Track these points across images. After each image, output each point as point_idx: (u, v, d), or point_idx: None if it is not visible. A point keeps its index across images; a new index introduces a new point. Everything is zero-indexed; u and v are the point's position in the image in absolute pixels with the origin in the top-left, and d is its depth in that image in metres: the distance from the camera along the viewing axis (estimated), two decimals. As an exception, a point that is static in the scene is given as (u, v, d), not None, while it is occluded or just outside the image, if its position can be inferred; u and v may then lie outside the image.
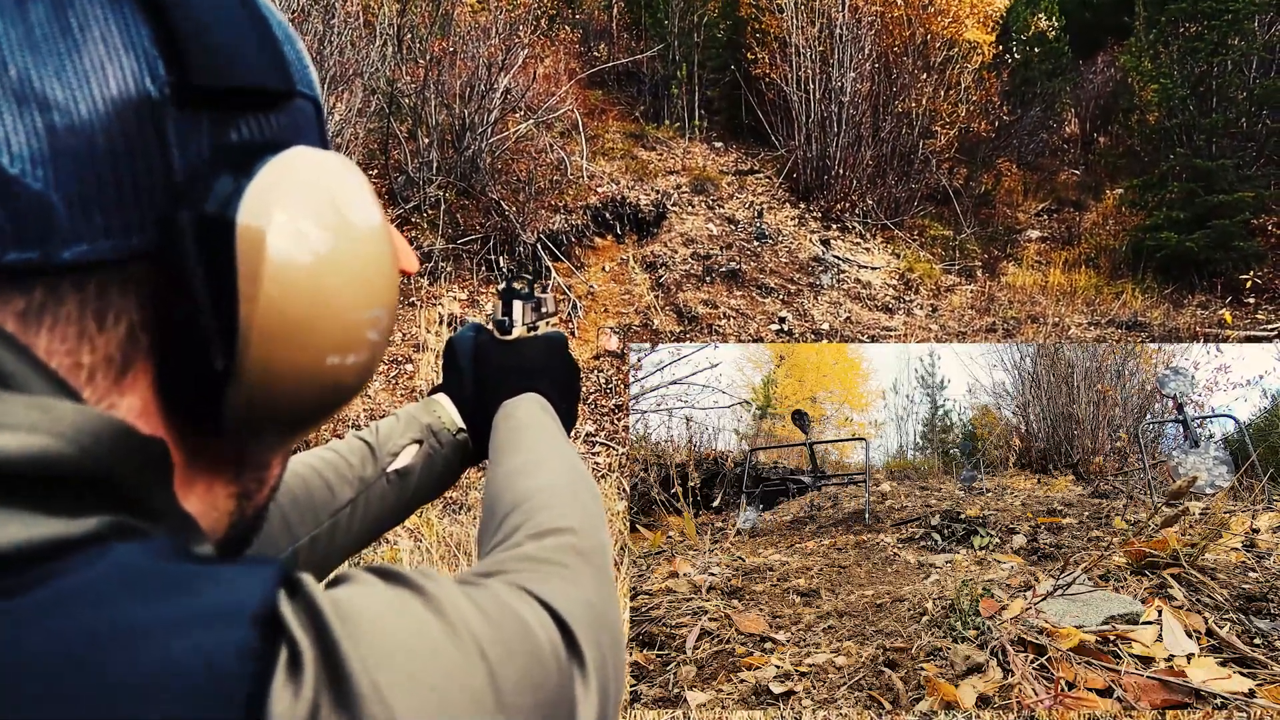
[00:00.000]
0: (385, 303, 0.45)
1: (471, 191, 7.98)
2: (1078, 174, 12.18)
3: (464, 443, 0.96)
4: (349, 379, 0.45)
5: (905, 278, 8.75)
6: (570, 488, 0.70)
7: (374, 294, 0.44)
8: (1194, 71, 9.45)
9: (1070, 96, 12.84)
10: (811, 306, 7.86)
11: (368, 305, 0.44)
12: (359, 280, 0.43)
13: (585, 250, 8.18)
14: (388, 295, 0.46)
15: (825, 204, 9.52)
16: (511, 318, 1.02)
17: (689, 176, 9.45)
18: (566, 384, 0.99)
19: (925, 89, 9.85)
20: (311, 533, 0.83)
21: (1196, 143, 9.41)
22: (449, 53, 7.94)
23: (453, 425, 0.95)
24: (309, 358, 0.42)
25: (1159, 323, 7.82)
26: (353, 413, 6.04)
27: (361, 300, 0.44)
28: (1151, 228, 9.22)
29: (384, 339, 0.46)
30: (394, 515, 0.92)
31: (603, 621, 0.52)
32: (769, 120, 10.02)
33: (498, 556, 0.58)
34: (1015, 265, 9.60)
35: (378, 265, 0.45)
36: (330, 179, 0.43)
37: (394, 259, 0.47)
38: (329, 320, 0.42)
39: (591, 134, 9.48)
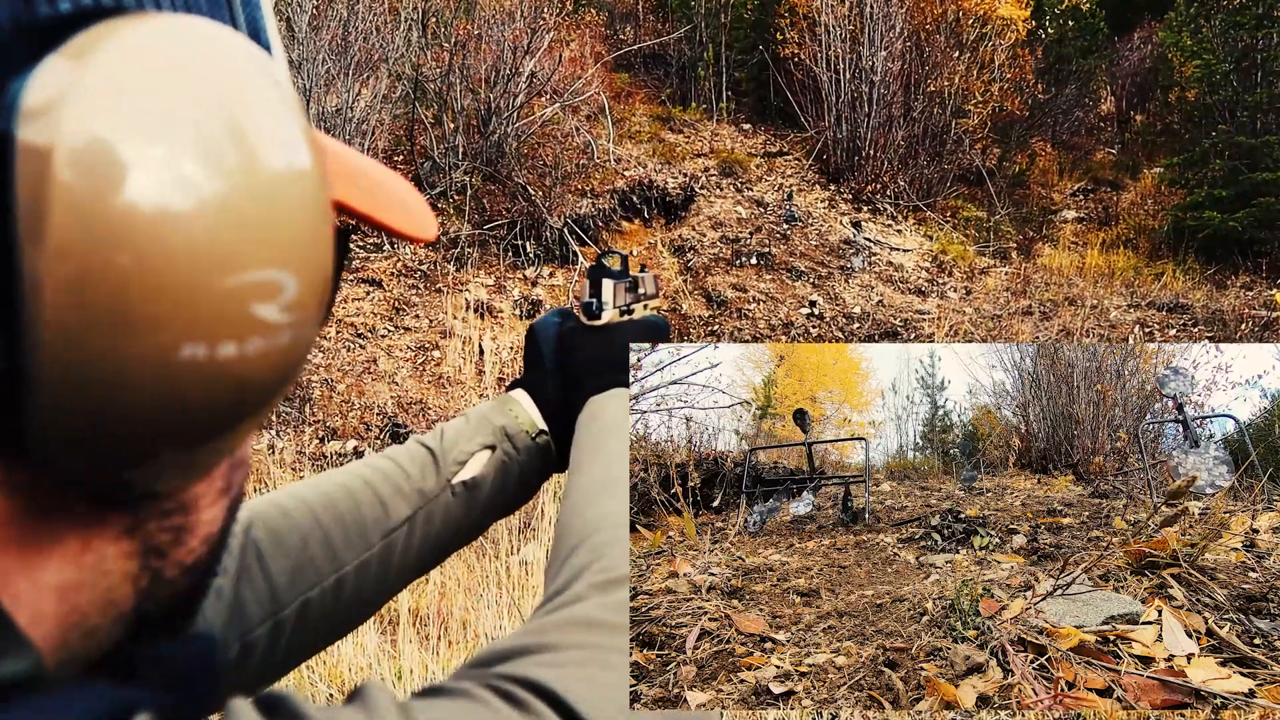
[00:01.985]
0: (285, 262, 0.32)
1: (498, 176, 7.92)
2: (1114, 153, 11.93)
3: (545, 447, 0.82)
4: (246, 372, 0.32)
5: (938, 260, 8.60)
6: None
7: (261, 252, 0.31)
8: (1237, 46, 9.19)
9: (1106, 74, 12.56)
10: (843, 290, 7.74)
11: (243, 267, 0.30)
12: (233, 236, 0.30)
13: (613, 234, 8.10)
14: (293, 253, 0.32)
15: (856, 186, 9.37)
16: (601, 299, 0.87)
17: (717, 159, 9.34)
18: None
19: (958, 67, 9.65)
20: (360, 557, 0.71)
21: (1240, 119, 9.16)
22: (474, 37, 7.87)
23: (532, 427, 0.82)
24: (147, 348, 0.29)
25: (1201, 304, 7.62)
26: (379, 400, 6.01)
27: (232, 261, 0.30)
28: (1193, 206, 9.00)
29: (301, 316, 0.33)
30: (461, 534, 0.79)
31: None
32: (798, 101, 9.86)
33: (544, 620, 0.48)
34: (1051, 246, 9.41)
35: (281, 213, 0.32)
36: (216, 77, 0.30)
37: (316, 203, 0.34)
38: (174, 295, 0.29)
39: (618, 117, 9.39)
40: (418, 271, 7.22)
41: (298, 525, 0.69)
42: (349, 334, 6.54)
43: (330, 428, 5.73)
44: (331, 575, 0.69)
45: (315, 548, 0.68)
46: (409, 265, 7.24)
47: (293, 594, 0.67)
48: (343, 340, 6.47)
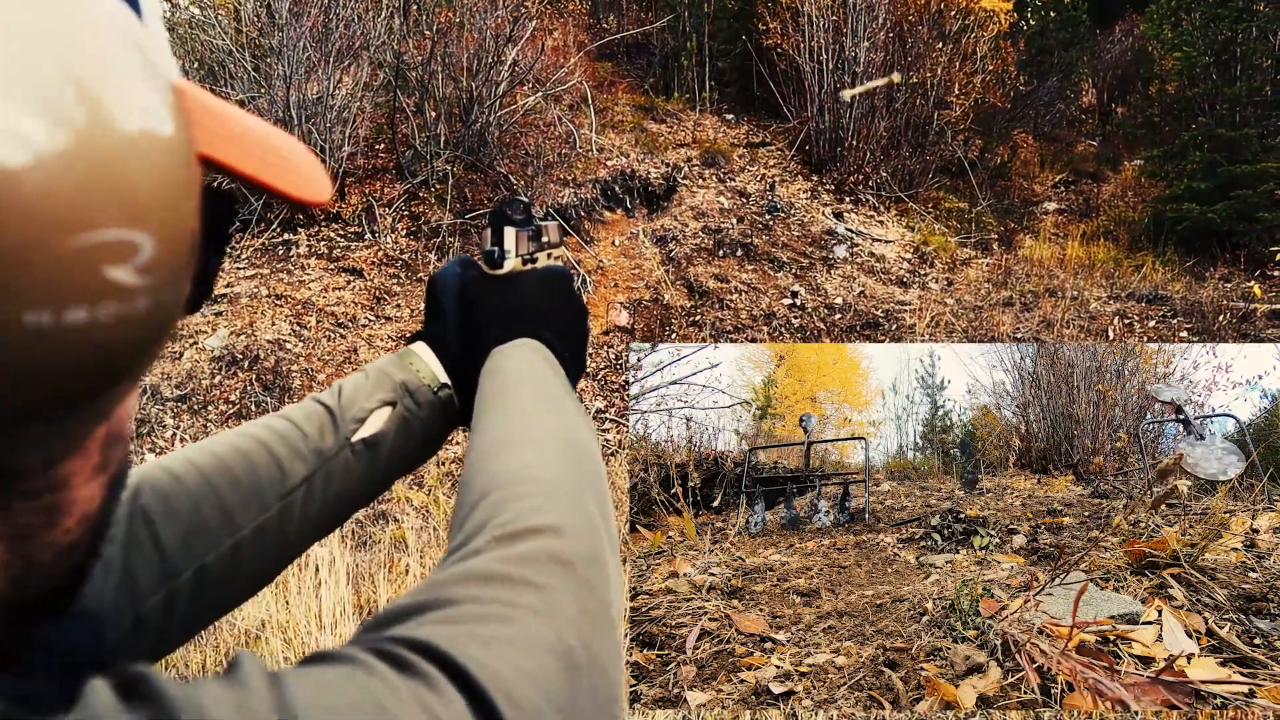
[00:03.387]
0: (138, 221, 0.30)
1: (479, 165, 7.88)
2: (1095, 145, 11.98)
3: (448, 400, 0.80)
4: (103, 338, 0.30)
5: (920, 251, 8.62)
6: (559, 466, 0.56)
7: (110, 212, 0.29)
8: (1217, 39, 9.24)
9: (1088, 66, 12.62)
10: (824, 280, 7.74)
11: (88, 226, 0.29)
12: (76, 195, 0.28)
13: (595, 224, 8.08)
14: (149, 214, 0.30)
15: (838, 176, 9.37)
16: (503, 247, 0.84)
17: (699, 149, 9.32)
18: (571, 326, 0.82)
19: (940, 59, 9.65)
20: (258, 520, 0.68)
21: (1219, 112, 9.21)
22: (456, 25, 7.81)
23: (433, 381, 0.79)
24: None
25: (1180, 296, 7.67)
26: (360, 390, 5.98)
27: (74, 219, 0.28)
28: (1172, 199, 9.05)
29: (160, 279, 0.32)
30: (363, 493, 0.76)
31: (573, 665, 0.41)
32: (781, 92, 9.85)
33: (440, 575, 0.46)
34: (1032, 238, 9.45)
35: (134, 174, 0.30)
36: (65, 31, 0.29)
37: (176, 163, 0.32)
38: (8, 257, 0.27)
39: (600, 106, 9.35)
40: (399, 261, 7.18)
41: (189, 490, 0.66)
42: (329, 323, 6.50)
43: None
44: (228, 540, 0.66)
45: (209, 512, 0.65)
46: (390, 255, 7.20)
47: (187, 562, 0.64)
48: (323, 330, 6.42)
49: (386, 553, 4.30)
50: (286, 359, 6.06)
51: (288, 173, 0.43)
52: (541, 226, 0.91)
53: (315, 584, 3.66)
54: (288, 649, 3.42)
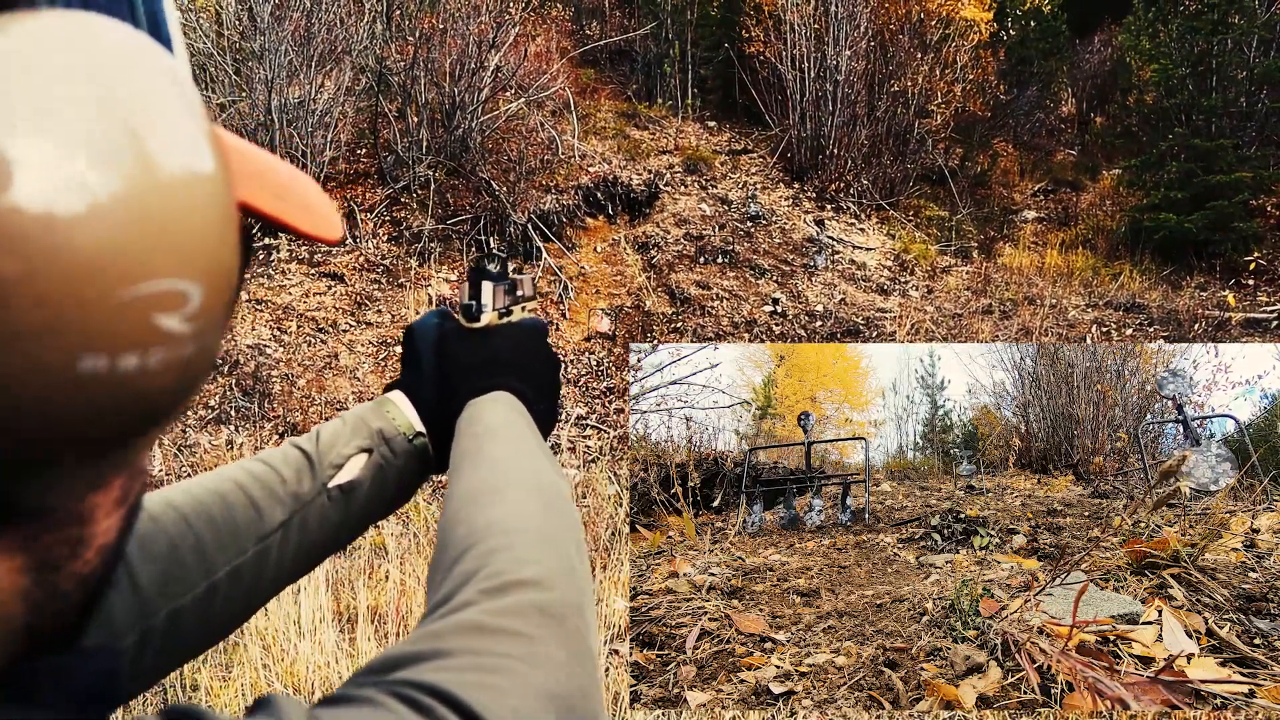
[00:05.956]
0: (188, 271, 0.31)
1: (461, 171, 7.87)
2: (1074, 154, 12.09)
3: (423, 449, 0.81)
4: (148, 384, 0.31)
5: (900, 259, 8.67)
6: (540, 517, 0.58)
7: (162, 260, 0.30)
8: (1193, 50, 9.35)
9: (1067, 76, 12.73)
10: (805, 288, 7.77)
11: (144, 277, 0.29)
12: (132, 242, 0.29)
13: (577, 231, 8.08)
14: (196, 262, 0.31)
15: (819, 184, 9.41)
16: (480, 301, 0.87)
17: (682, 156, 9.34)
18: (544, 379, 0.84)
19: (921, 68, 9.72)
20: (233, 563, 0.69)
21: (1195, 122, 9.32)
22: (439, 30, 7.81)
23: (409, 429, 0.80)
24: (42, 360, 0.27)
25: (1157, 304, 7.75)
26: (340, 396, 5.95)
27: (132, 269, 0.29)
28: (1149, 208, 9.14)
29: (205, 325, 0.32)
30: (336, 539, 0.77)
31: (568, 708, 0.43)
32: (763, 99, 9.89)
33: (434, 626, 0.48)
34: (1011, 246, 9.52)
35: (183, 218, 0.30)
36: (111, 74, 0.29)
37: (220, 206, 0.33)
38: (68, 304, 0.27)
39: (583, 113, 9.36)
40: (380, 266, 7.16)
41: (167, 531, 0.66)
42: (310, 329, 6.47)
43: (290, 423, 5.67)
44: (203, 582, 0.67)
45: (186, 554, 0.66)
46: (371, 260, 7.18)
47: (162, 602, 0.65)
48: (304, 335, 6.40)
49: (366, 559, 4.28)
50: (266, 364, 6.03)
51: (306, 211, 0.44)
52: (517, 280, 0.94)
53: (294, 590, 3.65)
54: (266, 655, 3.41)
